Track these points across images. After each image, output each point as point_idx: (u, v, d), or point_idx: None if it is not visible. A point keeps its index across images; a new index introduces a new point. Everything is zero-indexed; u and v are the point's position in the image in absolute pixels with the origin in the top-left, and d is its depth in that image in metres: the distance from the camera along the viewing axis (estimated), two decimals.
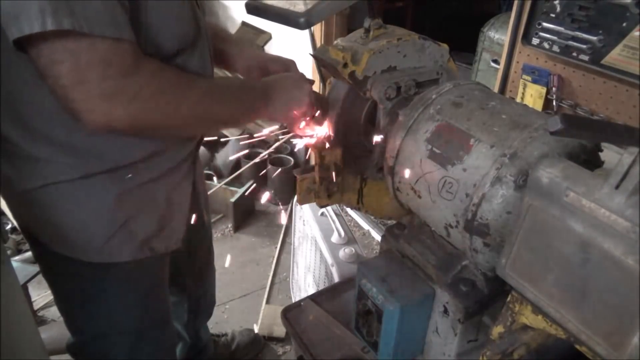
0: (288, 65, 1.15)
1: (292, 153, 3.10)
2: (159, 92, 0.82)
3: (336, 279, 1.51)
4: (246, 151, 3.07)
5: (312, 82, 1.09)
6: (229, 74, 2.81)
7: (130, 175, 0.97)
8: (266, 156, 2.98)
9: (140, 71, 0.80)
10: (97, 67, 0.75)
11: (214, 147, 3.29)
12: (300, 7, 0.86)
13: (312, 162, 1.03)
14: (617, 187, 0.55)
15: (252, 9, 0.96)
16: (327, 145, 0.99)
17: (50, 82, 0.76)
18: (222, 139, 2.77)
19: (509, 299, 0.73)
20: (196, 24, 0.96)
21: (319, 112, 1.02)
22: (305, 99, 0.99)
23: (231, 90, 0.95)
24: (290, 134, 1.07)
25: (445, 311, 0.88)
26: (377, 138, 0.96)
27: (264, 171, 2.96)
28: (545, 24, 1.59)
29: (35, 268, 1.85)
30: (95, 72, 0.75)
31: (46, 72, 0.75)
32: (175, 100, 0.85)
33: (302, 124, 1.02)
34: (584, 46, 1.49)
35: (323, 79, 1.12)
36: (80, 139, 0.90)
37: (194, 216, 1.21)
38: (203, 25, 1.00)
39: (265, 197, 2.95)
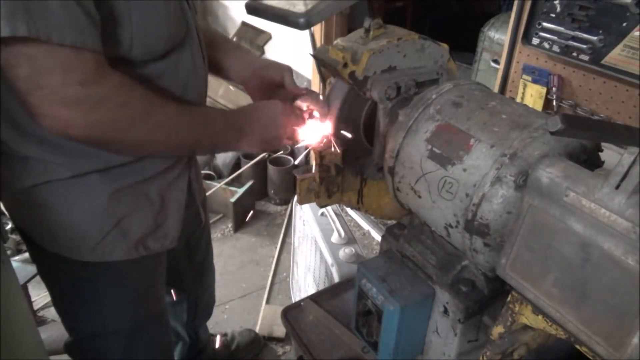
0: (283, 73, 1.12)
1: (292, 153, 3.10)
2: (122, 107, 0.81)
3: (336, 279, 1.51)
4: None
5: (306, 107, 1.06)
6: (224, 82, 2.78)
7: (123, 175, 0.97)
8: (266, 156, 2.98)
9: (104, 82, 0.79)
10: (55, 74, 0.74)
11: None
12: (300, 8, 0.86)
13: (312, 162, 1.03)
14: (617, 187, 0.55)
15: (251, 9, 0.96)
16: (327, 145, 0.99)
17: (8, 84, 0.76)
18: None
19: (509, 299, 0.73)
20: (185, 23, 0.95)
21: (318, 115, 1.02)
22: (280, 135, 0.99)
23: (207, 119, 0.94)
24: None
25: (445, 311, 0.88)
26: (377, 138, 0.96)
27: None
28: (545, 24, 1.59)
29: (35, 268, 1.85)
30: (54, 78, 0.74)
31: (5, 75, 0.75)
32: (139, 118, 0.84)
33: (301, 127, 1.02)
34: (584, 46, 1.49)
35: (323, 79, 1.12)
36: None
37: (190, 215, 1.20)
38: (193, 24, 1.00)
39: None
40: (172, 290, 1.51)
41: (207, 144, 0.97)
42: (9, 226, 2.41)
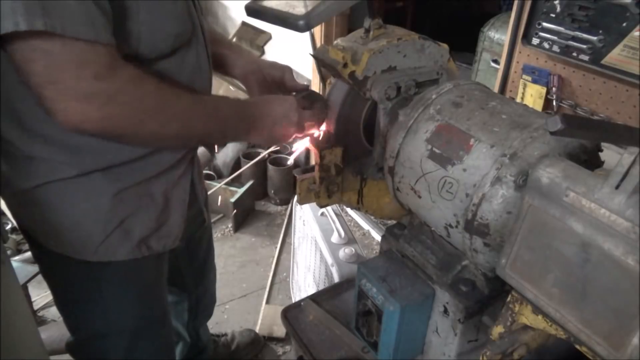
0: (283, 71, 1.14)
1: (292, 153, 3.10)
2: (136, 100, 0.81)
3: (336, 279, 1.51)
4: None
5: (316, 99, 1.06)
6: (224, 82, 2.79)
7: (126, 175, 0.97)
8: (266, 156, 2.98)
9: (117, 75, 0.79)
10: (70, 68, 0.75)
11: (214, 147, 3.29)
12: (299, 10, 0.86)
13: (312, 162, 1.03)
14: (617, 187, 0.55)
15: (251, 11, 0.96)
16: (327, 145, 0.99)
17: (24, 79, 0.76)
18: None
19: (509, 299, 0.73)
20: (191, 23, 0.96)
21: (319, 119, 1.02)
22: (291, 132, 0.99)
23: (218, 111, 0.94)
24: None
25: (445, 311, 0.88)
26: (377, 138, 0.96)
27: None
28: (545, 24, 1.59)
29: (35, 268, 1.85)
30: (69, 72, 0.75)
31: (20, 69, 0.75)
32: (153, 110, 0.84)
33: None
34: (584, 46, 1.49)
35: (323, 79, 1.12)
36: (75, 137, 0.90)
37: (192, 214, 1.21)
38: (199, 24, 1.00)
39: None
40: (173, 290, 1.51)
41: (218, 135, 0.98)
42: (9, 226, 2.42)
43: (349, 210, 2.67)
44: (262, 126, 0.97)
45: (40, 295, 2.21)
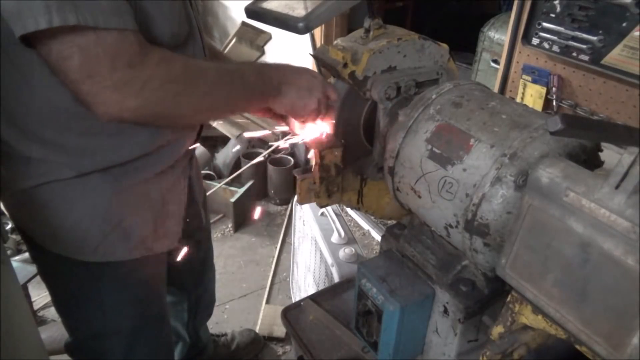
0: None
1: (292, 153, 3.10)
2: (167, 82, 0.82)
3: (336, 279, 1.51)
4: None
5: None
6: None
7: (124, 175, 0.97)
8: (266, 156, 2.99)
9: (147, 60, 0.80)
10: (105, 60, 0.76)
11: (214, 147, 3.30)
12: (299, 12, 0.86)
13: (312, 162, 1.03)
14: (617, 187, 0.55)
15: (251, 13, 0.96)
16: (327, 145, 0.99)
17: (61, 78, 0.77)
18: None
19: (509, 299, 0.73)
20: (188, 23, 0.96)
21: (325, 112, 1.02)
22: (311, 106, 0.99)
23: (244, 79, 0.94)
24: (291, 134, 1.07)
25: (445, 311, 0.88)
26: (377, 138, 0.96)
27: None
28: (545, 24, 1.59)
29: (35, 268, 1.85)
30: (104, 64, 0.76)
31: (56, 68, 0.76)
32: (185, 89, 0.85)
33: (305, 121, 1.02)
34: (584, 46, 1.49)
35: None
36: (72, 139, 0.90)
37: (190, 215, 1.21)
38: (196, 24, 1.00)
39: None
40: (172, 291, 1.51)
41: (244, 103, 0.98)
42: (9, 226, 2.41)
43: (349, 210, 2.68)
44: (286, 96, 0.97)
45: (40, 295, 2.21)
